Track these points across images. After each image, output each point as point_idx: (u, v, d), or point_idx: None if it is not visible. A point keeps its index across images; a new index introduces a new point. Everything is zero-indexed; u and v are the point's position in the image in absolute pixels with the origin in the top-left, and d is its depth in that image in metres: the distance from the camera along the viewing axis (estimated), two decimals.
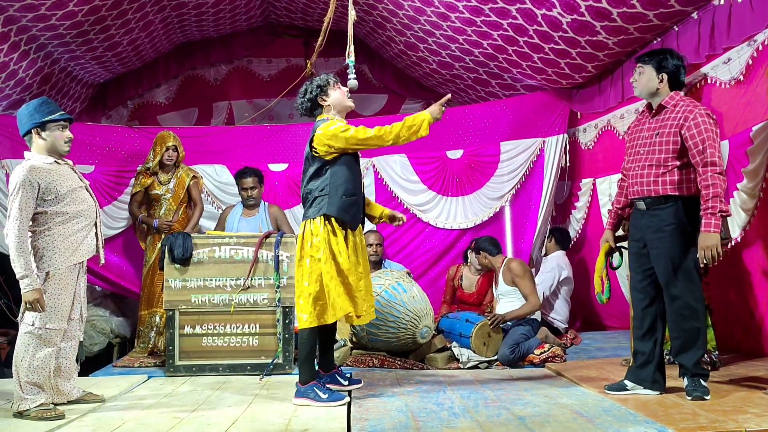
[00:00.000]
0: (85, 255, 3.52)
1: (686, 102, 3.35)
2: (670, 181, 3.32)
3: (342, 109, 3.70)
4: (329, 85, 3.67)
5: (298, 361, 3.64)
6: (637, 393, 3.40)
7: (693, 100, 3.39)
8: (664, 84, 3.41)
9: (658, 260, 3.35)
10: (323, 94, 3.66)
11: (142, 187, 5.30)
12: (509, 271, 4.92)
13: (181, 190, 5.31)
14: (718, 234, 3.13)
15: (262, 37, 7.51)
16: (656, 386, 3.40)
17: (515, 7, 4.67)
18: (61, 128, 3.50)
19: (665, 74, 3.41)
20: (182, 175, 5.36)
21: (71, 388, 3.60)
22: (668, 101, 3.40)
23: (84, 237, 3.50)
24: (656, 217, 3.36)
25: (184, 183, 5.33)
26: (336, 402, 3.44)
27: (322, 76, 3.71)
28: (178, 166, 5.37)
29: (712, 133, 3.21)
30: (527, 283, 4.84)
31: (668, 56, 3.43)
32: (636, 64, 3.52)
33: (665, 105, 3.40)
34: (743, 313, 4.14)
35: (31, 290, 3.26)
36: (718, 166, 3.16)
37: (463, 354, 4.56)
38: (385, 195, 6.14)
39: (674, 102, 3.38)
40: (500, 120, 6.04)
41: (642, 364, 3.44)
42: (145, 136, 5.91)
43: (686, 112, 3.29)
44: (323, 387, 3.52)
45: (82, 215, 3.50)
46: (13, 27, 4.75)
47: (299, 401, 3.49)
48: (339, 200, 3.49)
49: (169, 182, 5.30)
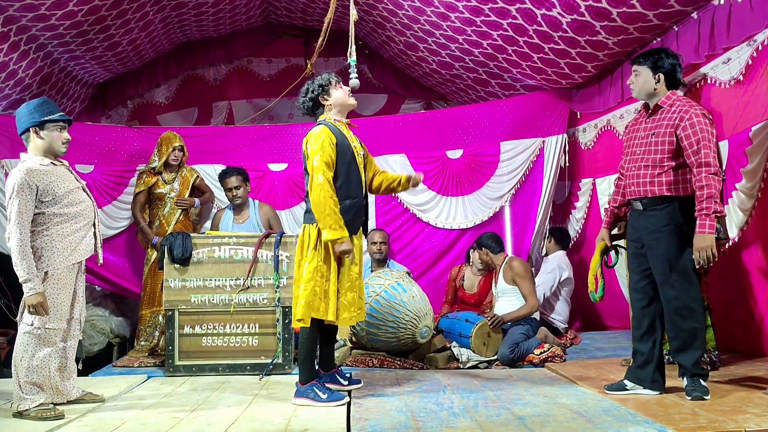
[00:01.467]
0: (84, 255, 3.52)
1: (683, 102, 3.34)
2: (666, 182, 3.31)
3: (343, 108, 3.70)
4: (331, 85, 3.67)
5: (298, 361, 3.64)
6: (636, 393, 3.40)
7: (690, 100, 3.38)
8: (661, 84, 3.40)
9: (655, 261, 3.35)
10: (325, 94, 3.66)
11: (146, 186, 5.31)
12: (510, 269, 4.92)
13: (185, 189, 5.35)
14: (713, 235, 3.12)
15: (262, 36, 7.51)
16: (656, 386, 3.40)
17: (515, 7, 4.67)
18: (59, 129, 3.50)
19: (662, 74, 3.39)
20: (186, 174, 5.42)
21: (71, 388, 3.60)
22: (665, 101, 3.39)
23: (82, 237, 3.50)
24: (653, 217, 3.36)
25: (189, 182, 5.39)
26: (336, 402, 3.44)
27: (324, 76, 3.71)
28: (182, 166, 5.42)
29: (707, 133, 3.19)
30: (527, 283, 4.84)
31: (663, 55, 3.42)
32: (632, 66, 3.51)
33: (661, 105, 3.39)
34: (743, 313, 4.14)
35: (35, 294, 3.27)
36: (713, 167, 3.15)
37: (463, 354, 4.56)
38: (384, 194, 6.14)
39: (671, 102, 3.37)
40: (500, 120, 6.04)
41: (641, 364, 3.44)
42: (145, 136, 5.92)
43: (682, 112, 3.28)
44: (323, 387, 3.52)
45: (80, 215, 3.50)
46: (13, 27, 4.74)
47: (299, 401, 3.49)
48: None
49: (173, 182, 5.34)
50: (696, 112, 3.25)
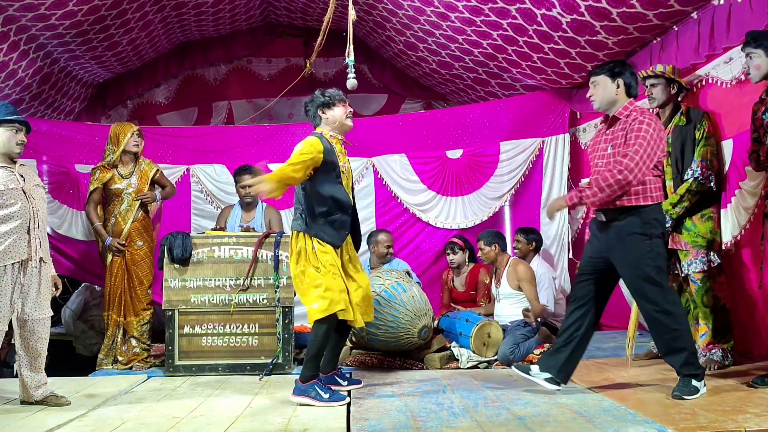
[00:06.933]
0: (14, 257, 3.47)
1: (638, 111, 3.38)
2: (626, 193, 3.32)
3: (339, 127, 3.74)
4: (335, 101, 3.70)
5: (305, 357, 3.61)
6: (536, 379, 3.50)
7: (645, 110, 3.42)
8: (621, 91, 3.44)
9: (623, 271, 3.39)
10: (325, 107, 3.70)
11: (100, 183, 4.82)
12: (515, 273, 4.91)
13: (144, 184, 4.89)
14: (566, 205, 3.52)
15: (262, 36, 7.51)
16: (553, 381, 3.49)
17: (515, 7, 4.67)
18: (15, 130, 3.55)
19: (621, 80, 3.43)
20: (145, 168, 4.95)
21: (35, 389, 3.60)
22: (622, 111, 3.43)
23: (15, 239, 3.47)
24: (615, 228, 3.39)
25: (148, 176, 4.93)
26: (337, 402, 3.43)
27: (333, 91, 3.74)
28: (140, 159, 4.98)
29: (643, 140, 3.25)
30: (533, 288, 4.85)
31: (619, 64, 3.50)
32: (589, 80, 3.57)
33: (619, 116, 3.43)
34: (743, 312, 4.13)
35: None
36: (626, 169, 3.22)
37: (463, 354, 4.56)
38: (384, 195, 6.15)
39: (627, 112, 3.40)
40: (500, 120, 6.04)
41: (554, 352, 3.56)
42: (145, 135, 5.85)
43: (634, 122, 3.33)
44: (325, 386, 3.50)
45: (12, 217, 3.48)
46: (13, 27, 4.74)
47: (299, 399, 3.47)
48: (316, 222, 3.55)
49: (131, 176, 4.86)
50: (644, 120, 3.30)
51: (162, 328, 4.61)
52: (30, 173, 3.70)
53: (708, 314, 3.90)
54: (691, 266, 3.92)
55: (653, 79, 4.08)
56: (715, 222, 3.97)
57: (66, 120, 6.42)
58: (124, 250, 4.77)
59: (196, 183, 6.12)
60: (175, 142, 6.13)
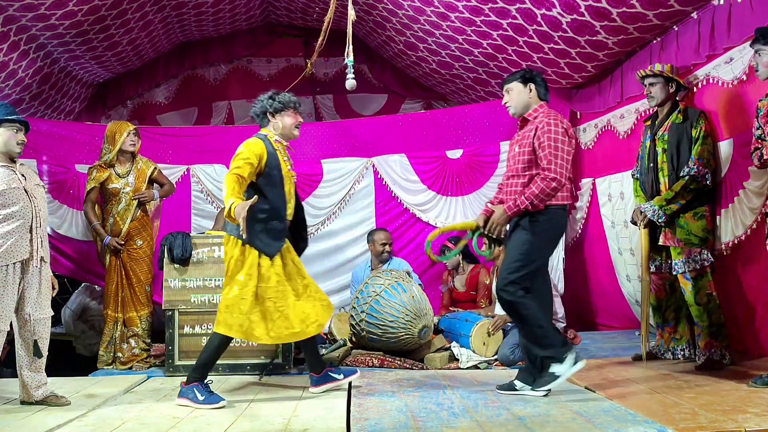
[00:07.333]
0: (16, 257, 3.47)
1: (545, 113, 3.53)
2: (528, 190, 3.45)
3: (285, 134, 3.76)
4: (288, 108, 3.71)
5: (196, 363, 3.65)
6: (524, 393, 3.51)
7: (551, 112, 3.56)
8: (533, 94, 3.59)
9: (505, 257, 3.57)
10: (275, 111, 3.70)
11: (97, 182, 4.79)
12: None
13: (142, 183, 4.85)
14: (506, 215, 3.46)
15: (262, 36, 7.51)
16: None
17: (515, 7, 4.67)
18: (15, 130, 3.55)
19: (532, 84, 3.58)
20: (142, 166, 4.91)
21: (36, 389, 3.60)
22: (531, 113, 3.58)
23: (16, 239, 3.47)
24: (518, 225, 3.53)
25: (145, 175, 4.89)
26: (213, 404, 3.45)
27: (287, 97, 3.74)
28: (137, 157, 4.93)
29: (556, 141, 3.39)
30: None
31: (529, 71, 3.64)
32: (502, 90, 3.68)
33: (528, 118, 3.58)
34: (743, 312, 4.13)
35: None
36: (552, 172, 3.36)
37: (463, 354, 4.56)
38: (384, 195, 6.15)
39: (535, 114, 3.57)
40: (500, 120, 6.04)
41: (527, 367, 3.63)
42: (145, 135, 5.89)
43: (539, 123, 3.46)
44: (203, 389, 3.52)
45: (14, 217, 3.48)
46: (13, 26, 4.74)
47: (180, 401, 3.53)
48: (253, 228, 3.49)
49: (128, 175, 4.83)
50: (549, 122, 3.43)
51: (162, 328, 4.61)
52: (30, 173, 3.70)
53: (702, 312, 3.90)
54: (684, 264, 3.93)
55: (651, 78, 4.10)
56: (707, 220, 3.98)
57: (66, 120, 6.42)
58: (122, 249, 4.77)
59: (197, 183, 6.12)
60: (175, 142, 6.13)
